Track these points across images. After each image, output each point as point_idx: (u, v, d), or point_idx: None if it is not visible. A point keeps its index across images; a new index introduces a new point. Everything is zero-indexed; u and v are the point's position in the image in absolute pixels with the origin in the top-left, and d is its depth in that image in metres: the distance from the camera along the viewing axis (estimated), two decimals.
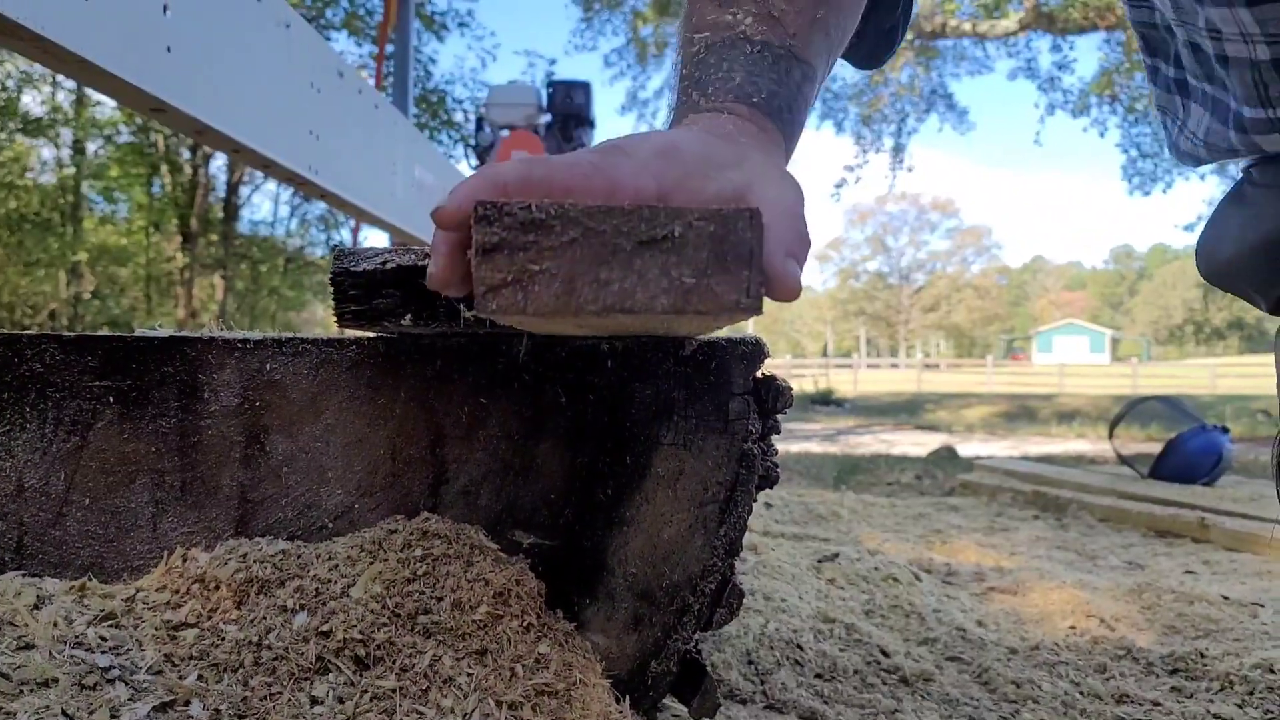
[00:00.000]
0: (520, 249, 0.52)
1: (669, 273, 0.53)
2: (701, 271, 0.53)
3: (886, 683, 1.52)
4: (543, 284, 0.52)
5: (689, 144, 0.70)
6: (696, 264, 0.53)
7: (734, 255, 0.54)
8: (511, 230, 0.52)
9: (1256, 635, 1.83)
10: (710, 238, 0.53)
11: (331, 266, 0.72)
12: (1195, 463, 4.12)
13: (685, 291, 0.53)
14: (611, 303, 0.53)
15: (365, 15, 19.41)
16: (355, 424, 0.81)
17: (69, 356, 0.77)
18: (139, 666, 0.64)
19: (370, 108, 3.03)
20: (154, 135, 20.87)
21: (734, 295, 0.54)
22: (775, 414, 0.89)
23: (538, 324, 0.60)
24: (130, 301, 23.68)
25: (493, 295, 0.52)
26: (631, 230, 0.53)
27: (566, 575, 0.85)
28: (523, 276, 0.52)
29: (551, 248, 0.52)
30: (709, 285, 0.54)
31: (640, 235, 0.53)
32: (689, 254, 0.53)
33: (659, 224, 0.53)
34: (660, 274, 0.53)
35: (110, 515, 0.77)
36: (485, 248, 0.52)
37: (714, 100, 0.81)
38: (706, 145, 0.71)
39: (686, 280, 0.53)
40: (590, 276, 0.53)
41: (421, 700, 0.67)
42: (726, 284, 0.54)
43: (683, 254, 0.53)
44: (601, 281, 0.53)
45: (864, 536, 3.01)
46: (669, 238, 0.53)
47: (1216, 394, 23.27)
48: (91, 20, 1.47)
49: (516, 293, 0.52)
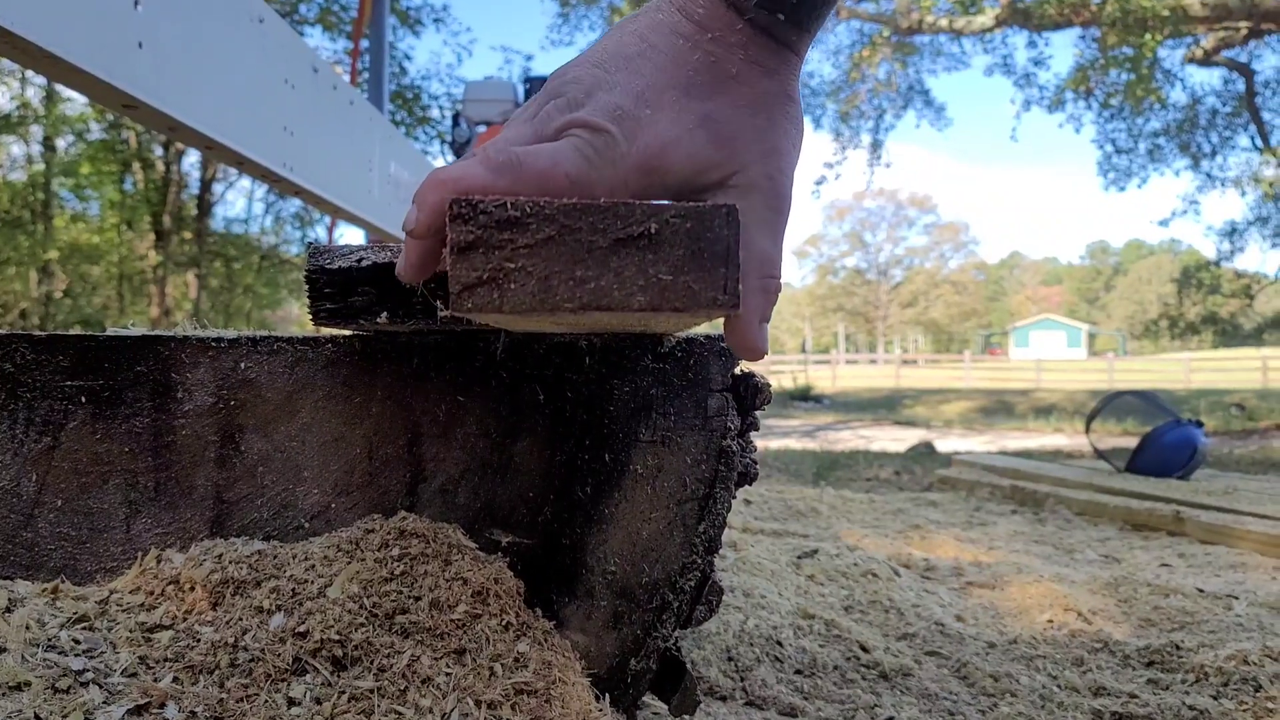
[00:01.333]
0: (496, 247, 0.52)
1: (646, 270, 0.53)
2: (678, 269, 0.53)
3: (866, 678, 1.52)
4: (519, 282, 0.52)
5: (675, 147, 0.65)
6: (673, 261, 0.53)
7: (711, 252, 0.53)
8: (487, 229, 0.52)
9: (1231, 627, 1.85)
10: (687, 235, 0.53)
11: (306, 264, 0.71)
12: (1170, 457, 4.16)
13: (662, 289, 0.53)
14: (588, 301, 0.52)
15: (340, 10, 19.31)
16: (331, 423, 0.80)
17: (40, 356, 0.76)
18: (113, 669, 0.63)
19: (345, 104, 3.01)
20: (126, 132, 20.70)
21: (711, 292, 0.54)
22: (754, 410, 0.89)
23: (514, 322, 0.59)
24: (102, 300, 23.48)
25: (469, 294, 0.52)
26: (608, 227, 0.53)
27: (545, 573, 0.84)
28: (498, 275, 0.52)
29: (527, 245, 0.52)
30: (686, 282, 0.53)
31: (616, 232, 0.53)
32: (666, 251, 0.53)
33: (635, 221, 0.53)
34: (637, 271, 0.53)
35: (83, 516, 0.76)
36: (460, 246, 0.52)
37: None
38: (694, 149, 0.66)
39: (663, 277, 0.53)
40: (566, 274, 0.52)
41: (400, 700, 0.66)
42: (704, 281, 0.54)
43: (659, 251, 0.53)
44: (578, 279, 0.52)
45: (843, 532, 3.02)
46: (646, 235, 0.53)
47: (1191, 388, 23.51)
48: (61, 15, 1.45)
49: (492, 291, 0.52)
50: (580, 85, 0.65)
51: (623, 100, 0.64)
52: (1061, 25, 15.38)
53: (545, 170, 0.60)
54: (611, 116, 0.63)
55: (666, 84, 0.66)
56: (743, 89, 0.68)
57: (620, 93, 0.65)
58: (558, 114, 0.64)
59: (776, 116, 0.69)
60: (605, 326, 0.67)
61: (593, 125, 0.63)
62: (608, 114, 0.63)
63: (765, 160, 0.68)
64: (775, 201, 0.67)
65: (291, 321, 30.15)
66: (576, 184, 0.61)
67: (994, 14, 15.76)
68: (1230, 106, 18.11)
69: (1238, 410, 15.50)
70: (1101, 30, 14.94)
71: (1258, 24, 14.69)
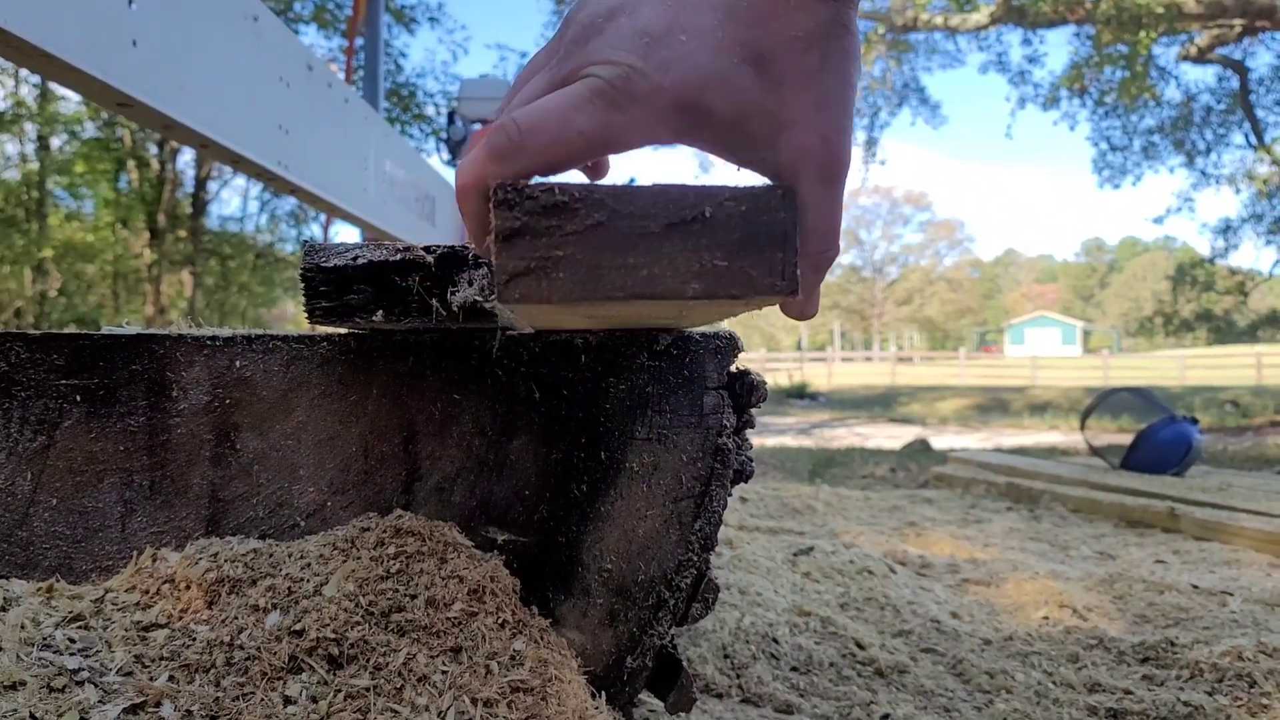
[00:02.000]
0: (542, 234, 0.50)
1: (700, 256, 0.50)
2: (733, 254, 0.51)
3: (862, 675, 1.52)
4: (567, 270, 0.50)
5: (718, 86, 0.56)
6: (728, 246, 0.51)
7: (767, 236, 0.51)
8: (533, 215, 0.50)
9: (1225, 623, 1.86)
10: (742, 218, 0.51)
11: (302, 262, 0.71)
12: (1165, 454, 4.17)
13: (717, 275, 0.51)
14: (640, 289, 0.50)
15: (334, 8, 19.26)
16: (327, 421, 0.80)
17: (35, 355, 0.75)
18: (109, 668, 0.63)
19: (340, 102, 3.00)
20: (120, 130, 20.64)
21: (768, 278, 0.51)
22: (750, 408, 0.89)
23: (557, 315, 0.57)
24: (97, 299, 23.41)
25: (516, 283, 0.50)
26: (659, 212, 0.50)
27: (541, 571, 0.84)
28: (546, 263, 0.50)
29: (575, 232, 0.50)
30: (742, 268, 0.51)
31: (668, 217, 0.50)
32: (720, 236, 0.51)
33: (688, 204, 0.50)
34: (691, 257, 0.50)
35: (78, 515, 0.76)
36: (506, 234, 0.50)
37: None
38: (739, 91, 0.57)
39: (718, 263, 0.51)
40: (617, 262, 0.50)
41: (396, 699, 0.66)
42: (760, 266, 0.51)
43: (714, 236, 0.50)
44: (629, 267, 0.50)
45: (839, 530, 3.02)
46: (699, 219, 0.50)
47: (1186, 385, 23.56)
48: (55, 13, 1.45)
49: (540, 280, 0.50)
50: (600, 8, 0.58)
51: (652, 23, 0.56)
52: (1056, 23, 15.39)
53: (555, 136, 0.54)
54: (637, 46, 0.55)
55: (706, 2, 0.57)
56: (796, 16, 0.58)
57: (648, 13, 0.56)
58: (576, 50, 0.57)
59: (832, 53, 0.59)
60: (647, 319, 0.65)
61: (612, 61, 0.55)
62: (632, 43, 0.55)
63: (819, 114, 0.58)
64: (831, 167, 0.58)
65: (287, 320, 30.11)
66: (595, 140, 0.54)
67: (989, 11, 15.77)
68: (1224, 104, 18.15)
69: (1232, 407, 15.53)
70: (1096, 27, 14.95)
71: (1252, 21, 14.71)
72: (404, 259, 0.68)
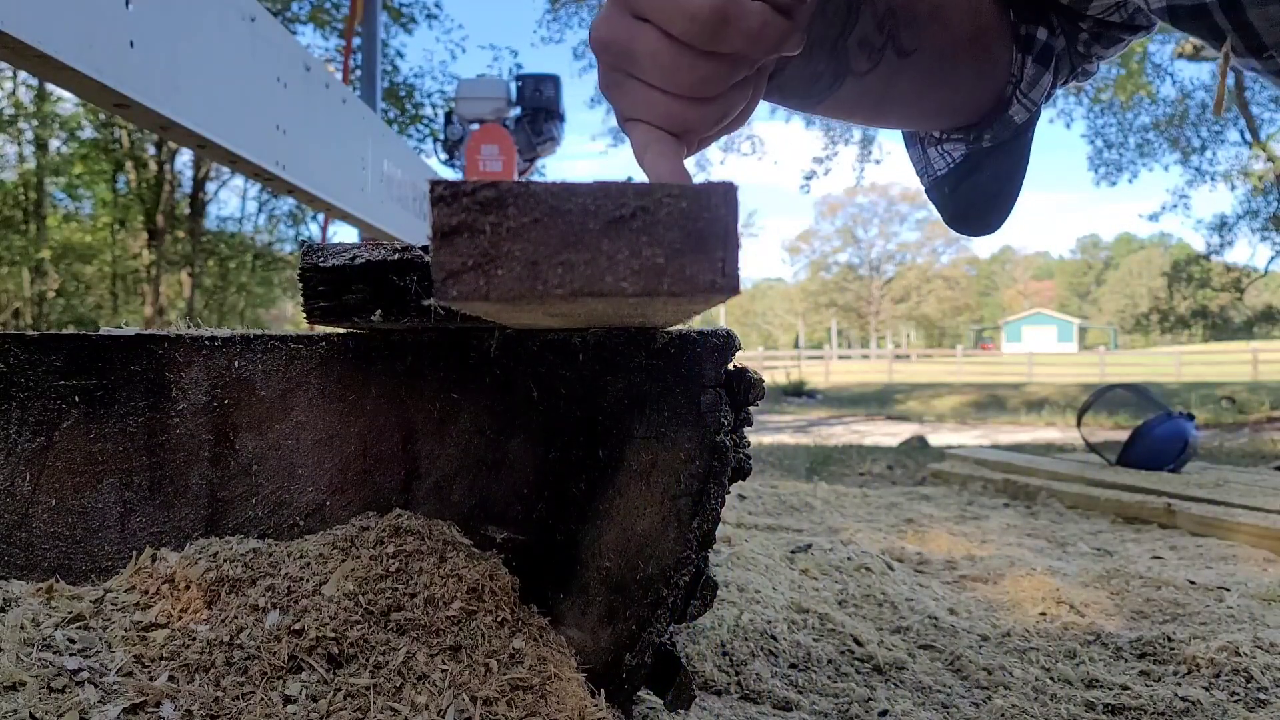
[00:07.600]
0: (481, 231, 0.50)
1: (639, 253, 0.50)
2: (673, 251, 0.51)
3: (860, 671, 1.53)
4: (506, 268, 0.50)
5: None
6: (668, 243, 0.51)
7: (708, 233, 0.51)
8: (471, 211, 0.49)
9: (1222, 619, 1.86)
10: (682, 215, 0.51)
11: (300, 262, 0.71)
12: (1162, 449, 4.17)
13: (656, 272, 0.50)
14: (579, 286, 0.50)
15: (332, 8, 19.25)
16: (326, 421, 0.80)
17: (33, 356, 0.76)
18: (108, 668, 0.63)
19: (338, 102, 3.00)
20: (118, 131, 20.62)
21: (709, 275, 0.51)
22: (747, 406, 0.89)
23: (503, 311, 0.57)
24: (96, 299, 23.40)
25: (453, 281, 0.50)
26: (599, 208, 0.50)
27: (540, 570, 0.84)
28: (484, 260, 0.50)
29: (514, 229, 0.50)
30: (681, 265, 0.51)
31: (608, 214, 0.50)
32: (660, 233, 0.50)
33: (628, 201, 0.50)
34: (630, 254, 0.50)
35: (77, 516, 0.76)
36: (444, 231, 0.49)
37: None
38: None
39: (657, 260, 0.50)
40: (555, 258, 0.50)
41: (395, 697, 0.67)
42: (699, 264, 0.51)
43: (653, 233, 0.50)
44: (567, 264, 0.50)
45: (837, 527, 3.02)
46: (638, 215, 0.50)
47: (1182, 381, 23.57)
48: (52, 14, 1.45)
49: (479, 278, 0.50)
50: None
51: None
52: None
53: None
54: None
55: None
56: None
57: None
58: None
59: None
60: (599, 317, 0.65)
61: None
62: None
63: None
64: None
65: (286, 320, 30.09)
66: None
67: None
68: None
69: (1228, 403, 15.55)
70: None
71: None
72: (402, 259, 0.69)
